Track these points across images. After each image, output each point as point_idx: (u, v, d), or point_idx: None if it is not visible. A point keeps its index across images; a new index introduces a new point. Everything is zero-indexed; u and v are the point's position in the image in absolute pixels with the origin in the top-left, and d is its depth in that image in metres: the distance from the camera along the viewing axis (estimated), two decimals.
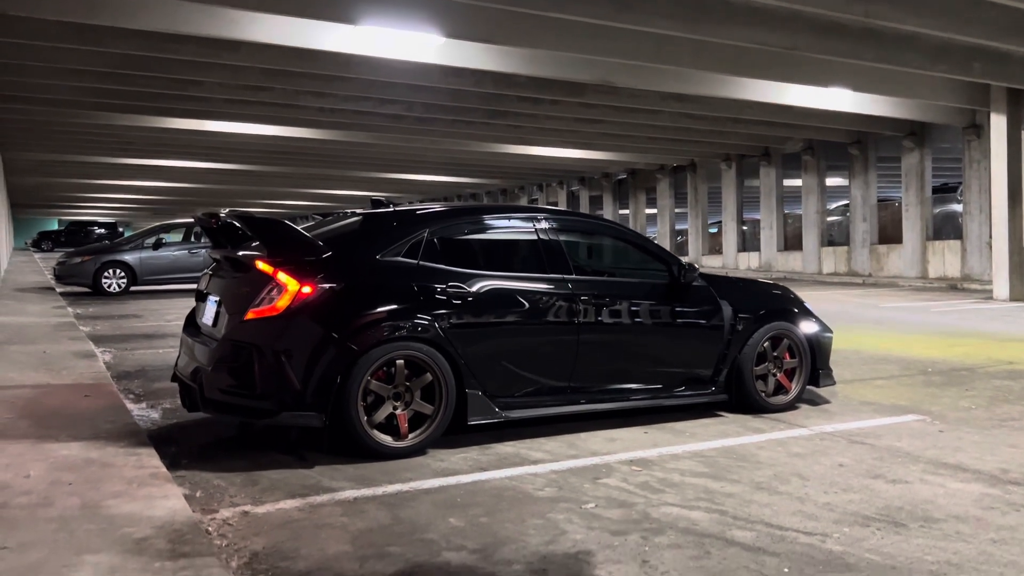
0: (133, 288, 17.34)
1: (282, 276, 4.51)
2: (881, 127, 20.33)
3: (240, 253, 4.93)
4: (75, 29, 11.65)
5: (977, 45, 12.75)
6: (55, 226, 63.35)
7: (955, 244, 20.06)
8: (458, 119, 19.51)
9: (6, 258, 25.91)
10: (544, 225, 5.39)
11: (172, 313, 12.88)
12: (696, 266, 5.73)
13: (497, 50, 12.57)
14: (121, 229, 50.76)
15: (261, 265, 4.61)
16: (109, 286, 17.04)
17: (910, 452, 4.71)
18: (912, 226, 20.90)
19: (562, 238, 5.43)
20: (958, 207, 21.06)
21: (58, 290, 17.03)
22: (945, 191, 22.68)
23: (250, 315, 4.51)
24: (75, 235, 50.40)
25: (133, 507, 3.49)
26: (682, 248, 30.89)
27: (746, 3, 10.68)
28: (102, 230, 51.53)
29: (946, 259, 20.22)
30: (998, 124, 15.57)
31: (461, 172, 32.29)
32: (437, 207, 5.38)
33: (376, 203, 5.71)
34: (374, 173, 31.66)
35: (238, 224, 4.98)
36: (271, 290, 4.50)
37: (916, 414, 5.70)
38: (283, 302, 4.47)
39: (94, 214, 61.24)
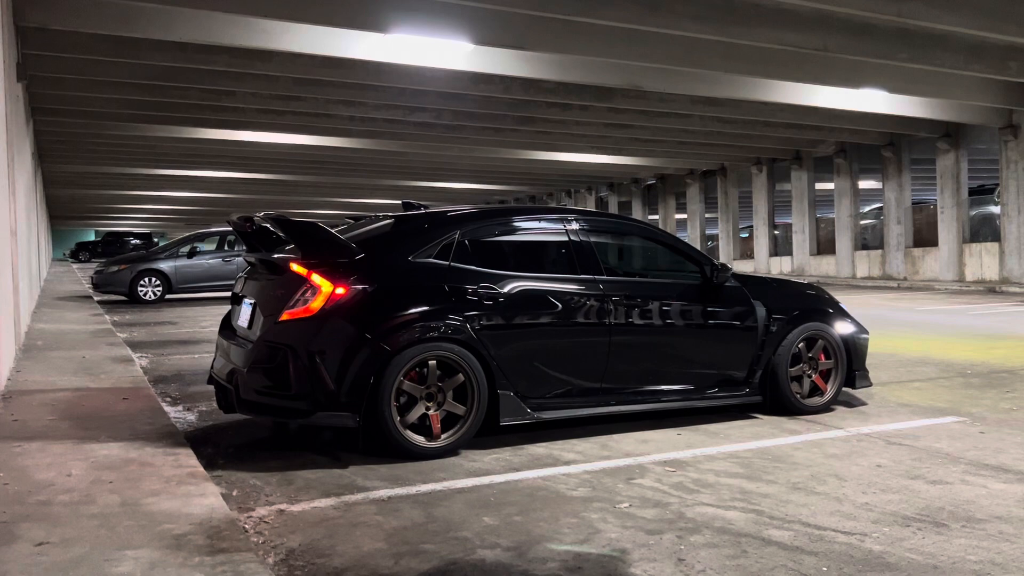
0: (168, 296, 17.60)
1: (316, 278, 4.56)
2: (915, 128, 20.04)
3: (274, 256, 5.00)
4: (113, 42, 11.89)
5: (1013, 44, 12.54)
6: (92, 237, 64.54)
7: (992, 246, 19.69)
8: (487, 126, 19.57)
9: (46, 268, 26.46)
10: (575, 226, 5.39)
11: (206, 320, 13.05)
12: (729, 266, 5.68)
13: (526, 56, 12.61)
14: (156, 239, 51.56)
15: (295, 267, 4.67)
16: (145, 294, 17.32)
17: (950, 453, 4.63)
18: (948, 228, 20.56)
19: (593, 239, 5.42)
20: (995, 209, 20.68)
21: (95, 298, 17.35)
22: (982, 193, 22.30)
23: (285, 316, 4.56)
24: (111, 245, 51.31)
25: (172, 505, 3.54)
26: (712, 253, 30.65)
27: (776, 4, 10.61)
28: (137, 240, 52.42)
29: (983, 262, 19.85)
30: None
31: (490, 179, 32.38)
32: (468, 209, 5.40)
33: (408, 205, 5.74)
34: (404, 181, 31.86)
35: (272, 227, 5.05)
36: (305, 292, 4.55)
37: (955, 416, 5.60)
38: (317, 303, 4.51)
39: (130, 225, 62.31)
